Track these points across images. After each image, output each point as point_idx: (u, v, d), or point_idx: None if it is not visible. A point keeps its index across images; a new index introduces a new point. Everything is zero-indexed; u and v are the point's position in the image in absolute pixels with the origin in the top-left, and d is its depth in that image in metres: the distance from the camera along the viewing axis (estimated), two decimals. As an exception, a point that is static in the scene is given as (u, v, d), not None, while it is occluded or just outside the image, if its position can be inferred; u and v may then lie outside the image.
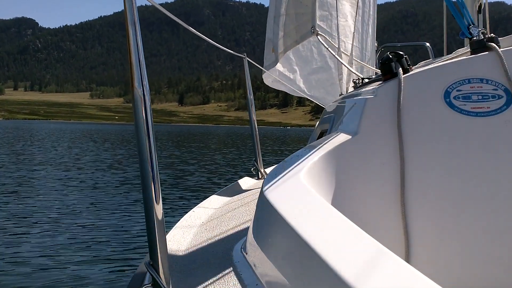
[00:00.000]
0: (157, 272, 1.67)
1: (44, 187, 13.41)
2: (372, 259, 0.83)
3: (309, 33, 4.63)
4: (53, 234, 8.08)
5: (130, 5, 1.64)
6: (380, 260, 0.82)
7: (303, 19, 4.71)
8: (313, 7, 4.55)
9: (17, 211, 9.91)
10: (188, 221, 3.07)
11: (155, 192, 1.68)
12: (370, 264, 0.80)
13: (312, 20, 4.57)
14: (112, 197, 12.21)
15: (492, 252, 1.90)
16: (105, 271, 6.36)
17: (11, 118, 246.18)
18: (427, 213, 1.95)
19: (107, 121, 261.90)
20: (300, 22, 4.76)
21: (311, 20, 4.57)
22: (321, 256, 0.85)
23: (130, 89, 1.68)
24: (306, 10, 4.63)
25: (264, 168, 5.26)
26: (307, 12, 4.64)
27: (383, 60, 2.17)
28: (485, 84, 1.96)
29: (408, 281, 0.73)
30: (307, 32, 4.66)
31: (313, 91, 5.53)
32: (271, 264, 1.22)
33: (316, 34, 4.54)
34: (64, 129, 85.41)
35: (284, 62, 5.35)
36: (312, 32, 4.57)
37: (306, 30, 4.69)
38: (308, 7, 4.59)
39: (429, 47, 5.12)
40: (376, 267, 0.79)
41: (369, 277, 0.75)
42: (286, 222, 1.09)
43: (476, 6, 4.04)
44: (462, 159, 1.95)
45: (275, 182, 1.48)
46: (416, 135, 1.98)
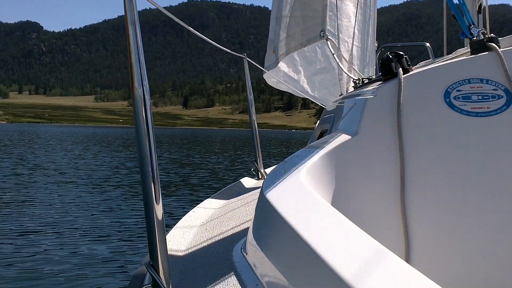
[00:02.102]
0: (157, 272, 1.67)
1: (43, 187, 13.46)
2: (372, 259, 0.82)
3: (317, 36, 4.62)
4: (53, 234, 8.11)
5: (130, 5, 1.64)
6: (380, 260, 0.81)
7: (311, 22, 4.70)
8: (323, 11, 4.54)
9: (16, 211, 9.95)
10: (188, 221, 3.07)
11: (155, 192, 1.68)
12: (370, 264, 0.80)
13: (322, 24, 4.56)
14: (112, 197, 12.25)
15: (492, 251, 1.90)
16: (105, 271, 6.36)
17: (16, 121, 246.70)
18: (427, 213, 1.94)
19: (112, 124, 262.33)
20: (308, 25, 4.75)
21: (321, 24, 4.57)
22: (321, 256, 0.86)
23: (130, 90, 1.68)
24: (316, 13, 4.62)
25: (264, 168, 5.26)
26: (316, 16, 4.62)
27: (383, 60, 2.17)
28: (485, 84, 1.96)
29: (408, 281, 0.73)
30: (316, 36, 4.65)
31: (316, 91, 5.54)
32: (271, 264, 1.22)
33: (326, 39, 4.54)
34: (68, 132, 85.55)
35: (289, 62, 5.35)
36: (321, 36, 4.57)
37: (314, 34, 4.68)
38: (318, 11, 4.58)
39: (429, 47, 5.10)
40: (376, 267, 0.78)
41: (369, 277, 0.75)
42: (286, 222, 1.10)
43: (476, 6, 4.03)
44: (462, 159, 1.95)
45: (275, 182, 1.48)
46: (416, 135, 1.98)
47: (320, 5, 4.52)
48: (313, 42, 4.78)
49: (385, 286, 0.72)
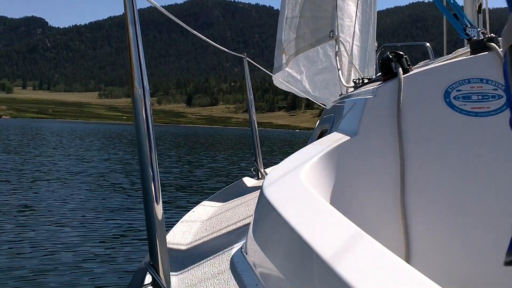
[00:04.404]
0: (157, 272, 1.67)
1: (43, 187, 13.42)
2: (372, 259, 0.82)
3: (327, 37, 4.63)
4: (52, 234, 8.09)
5: (130, 5, 1.65)
6: (380, 260, 0.81)
7: (321, 22, 4.70)
8: (333, 11, 4.54)
9: (16, 211, 9.93)
10: (188, 221, 3.07)
11: (155, 192, 1.68)
12: (370, 264, 0.80)
13: (332, 25, 4.56)
14: (112, 197, 12.23)
15: (491, 251, 1.89)
16: (105, 271, 6.36)
17: (19, 116, 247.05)
18: (427, 213, 1.94)
19: (115, 121, 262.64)
20: (317, 25, 4.75)
21: (331, 24, 4.57)
22: (321, 256, 0.85)
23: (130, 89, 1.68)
24: (325, 14, 4.62)
25: (264, 168, 5.26)
26: (326, 16, 4.63)
27: (383, 60, 2.17)
28: (485, 84, 1.96)
29: (408, 281, 0.73)
30: (325, 36, 4.66)
31: (317, 92, 5.53)
32: (271, 264, 1.23)
33: (335, 39, 4.54)
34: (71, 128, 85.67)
35: (292, 63, 5.35)
36: (331, 37, 4.57)
37: (324, 34, 4.68)
38: (328, 11, 4.58)
39: (429, 47, 5.09)
40: (376, 267, 0.79)
41: (369, 277, 0.75)
42: (286, 222, 1.10)
43: (476, 6, 4.02)
44: (462, 159, 1.95)
45: (275, 182, 1.48)
46: (416, 135, 1.98)
47: (330, 5, 4.53)
48: (323, 42, 4.78)
49: (385, 286, 0.72)
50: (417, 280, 0.73)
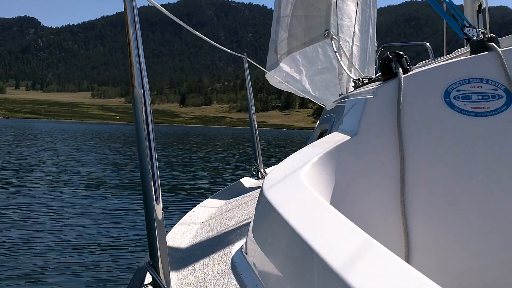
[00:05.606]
0: (157, 272, 1.67)
1: (42, 187, 13.39)
2: (372, 259, 0.82)
3: (321, 36, 4.61)
4: (52, 234, 8.08)
5: (130, 5, 1.64)
6: (380, 260, 0.81)
7: (314, 21, 4.69)
8: (327, 10, 4.53)
9: (15, 211, 9.91)
10: (188, 221, 3.07)
11: (155, 192, 1.68)
12: (370, 264, 0.80)
13: (326, 24, 4.55)
14: (112, 197, 12.22)
15: (492, 251, 1.90)
16: (105, 271, 6.36)
17: (12, 117, 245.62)
18: (427, 212, 1.95)
19: (109, 121, 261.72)
20: (311, 24, 4.74)
21: (325, 23, 4.56)
22: (320, 256, 0.85)
23: (130, 89, 1.68)
24: (319, 13, 4.61)
25: (264, 168, 5.26)
26: (319, 15, 4.61)
27: (383, 60, 2.17)
28: (485, 84, 1.96)
29: (408, 281, 0.73)
30: (319, 35, 4.64)
31: (318, 92, 5.54)
32: (271, 264, 1.23)
33: (330, 38, 4.53)
34: (65, 129, 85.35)
35: (291, 63, 5.35)
36: (326, 36, 4.55)
37: (318, 33, 4.67)
38: (321, 10, 4.57)
39: (429, 47, 5.10)
40: (376, 267, 0.79)
41: (369, 277, 0.75)
42: (286, 222, 1.09)
43: (476, 6, 4.03)
44: (462, 159, 1.95)
45: (275, 182, 1.47)
46: (416, 135, 1.98)
47: (324, 4, 4.52)
48: (317, 41, 4.77)
49: (385, 286, 0.72)
50: (417, 280, 0.73)
